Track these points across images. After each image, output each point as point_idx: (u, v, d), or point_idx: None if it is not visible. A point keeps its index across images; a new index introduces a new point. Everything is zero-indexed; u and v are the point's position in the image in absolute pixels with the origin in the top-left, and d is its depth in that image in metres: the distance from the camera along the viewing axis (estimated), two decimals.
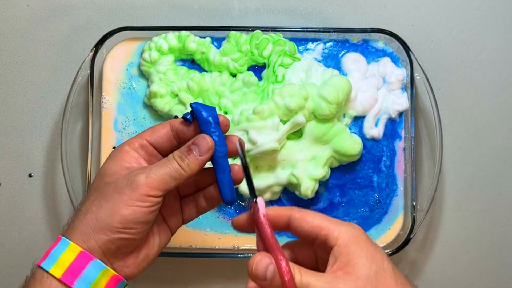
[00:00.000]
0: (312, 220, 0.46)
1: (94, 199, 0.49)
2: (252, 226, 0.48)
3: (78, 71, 0.69)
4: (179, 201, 0.55)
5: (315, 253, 0.49)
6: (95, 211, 0.48)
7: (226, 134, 0.52)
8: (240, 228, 0.50)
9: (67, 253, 0.48)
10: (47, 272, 0.47)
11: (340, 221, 0.47)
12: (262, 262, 0.43)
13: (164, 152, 0.52)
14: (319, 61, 0.71)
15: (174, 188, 0.50)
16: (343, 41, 0.72)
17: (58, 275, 0.47)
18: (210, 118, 0.50)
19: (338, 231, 0.45)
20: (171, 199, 0.54)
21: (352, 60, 0.71)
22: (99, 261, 0.48)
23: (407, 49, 0.69)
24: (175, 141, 0.52)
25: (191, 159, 0.49)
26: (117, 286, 0.49)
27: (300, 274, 0.43)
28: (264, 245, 0.46)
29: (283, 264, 0.43)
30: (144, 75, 0.71)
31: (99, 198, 0.49)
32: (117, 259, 0.49)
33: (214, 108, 0.51)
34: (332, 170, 0.70)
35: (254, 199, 0.47)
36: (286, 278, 0.42)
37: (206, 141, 0.49)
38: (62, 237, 0.49)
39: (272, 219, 0.47)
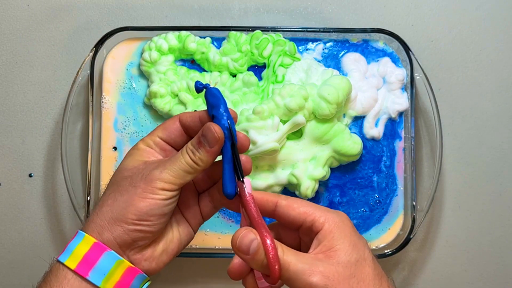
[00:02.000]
0: (298, 207, 0.47)
1: (110, 193, 0.49)
2: (238, 207, 0.49)
3: (78, 71, 0.69)
4: (197, 197, 0.54)
5: (299, 237, 0.49)
6: (111, 204, 0.48)
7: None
8: (229, 207, 0.52)
9: (81, 245, 0.48)
10: (63, 264, 0.47)
11: (326, 208, 0.48)
12: (247, 237, 0.45)
13: (178, 146, 0.52)
14: (319, 61, 0.71)
15: (190, 182, 0.50)
16: (343, 41, 0.72)
17: (73, 266, 0.47)
18: (221, 106, 0.49)
19: (324, 217, 0.46)
20: (188, 194, 0.53)
21: (352, 60, 0.71)
22: (113, 252, 0.48)
23: (407, 49, 0.69)
24: (184, 133, 0.52)
25: (202, 152, 0.48)
26: (135, 279, 0.49)
27: (283, 251, 0.44)
28: (249, 224, 0.47)
29: (268, 240, 0.44)
30: (144, 75, 0.71)
31: (115, 191, 0.49)
32: (133, 251, 0.49)
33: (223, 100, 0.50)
34: (332, 170, 0.70)
35: (241, 179, 0.48)
36: (271, 254, 0.44)
37: (211, 132, 0.48)
38: (79, 231, 0.49)
39: (259, 203, 0.48)
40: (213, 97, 0.49)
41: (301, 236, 0.49)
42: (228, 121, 0.48)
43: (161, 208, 0.48)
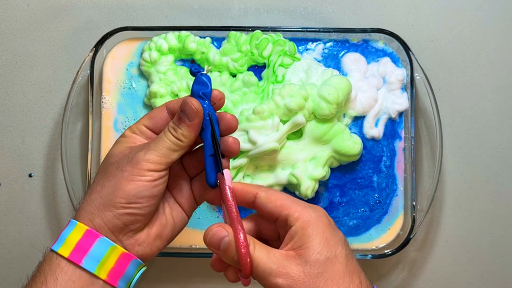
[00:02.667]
0: (276, 200, 0.48)
1: (98, 180, 0.49)
2: (220, 200, 0.49)
3: (78, 71, 0.69)
4: (189, 182, 0.54)
5: (276, 228, 0.50)
6: (99, 190, 0.48)
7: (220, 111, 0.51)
8: (210, 201, 0.52)
9: (74, 233, 0.48)
10: (56, 252, 0.48)
11: (305, 203, 0.48)
12: (218, 234, 0.46)
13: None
14: (319, 61, 0.71)
15: (180, 167, 0.51)
16: (343, 41, 0.72)
17: (66, 254, 0.47)
18: (200, 93, 0.49)
19: (299, 212, 0.46)
20: (180, 179, 0.53)
21: (352, 60, 0.71)
22: (106, 238, 0.48)
23: (407, 49, 0.69)
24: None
25: (183, 127, 0.49)
26: (130, 264, 0.49)
27: (254, 248, 0.45)
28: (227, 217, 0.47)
29: (241, 237, 0.45)
30: (144, 75, 0.71)
31: (103, 178, 0.49)
32: (126, 236, 0.49)
33: (209, 83, 0.50)
34: (332, 170, 0.70)
35: (221, 171, 0.48)
36: (242, 251, 0.45)
37: (189, 105, 0.48)
38: (71, 220, 0.49)
39: (239, 194, 0.49)
40: (202, 84, 0.49)
41: (278, 229, 0.49)
42: (209, 112, 0.49)
43: (150, 190, 0.48)
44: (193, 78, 0.50)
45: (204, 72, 0.50)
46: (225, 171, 0.48)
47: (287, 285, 0.44)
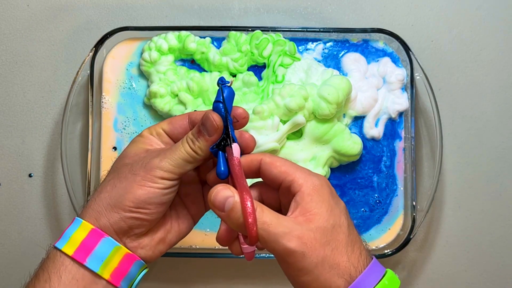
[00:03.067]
0: (280, 166, 0.48)
1: (110, 179, 0.49)
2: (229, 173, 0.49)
3: (78, 71, 0.69)
4: (201, 188, 0.54)
5: (278, 197, 0.50)
6: (109, 190, 0.48)
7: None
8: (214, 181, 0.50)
9: (79, 231, 0.48)
10: (60, 250, 0.47)
11: (308, 170, 0.48)
12: (222, 193, 0.45)
13: (178, 140, 0.52)
14: (319, 61, 0.71)
15: (194, 173, 0.51)
16: (343, 41, 0.71)
17: (70, 253, 0.47)
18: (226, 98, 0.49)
19: (304, 179, 0.46)
20: (192, 185, 0.53)
21: (352, 60, 0.71)
22: (111, 238, 0.48)
23: (407, 49, 0.69)
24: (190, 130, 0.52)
25: (202, 141, 0.48)
26: (133, 265, 0.49)
27: (262, 212, 0.45)
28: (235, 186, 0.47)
29: (248, 204, 0.44)
30: (144, 75, 0.71)
31: (115, 178, 0.49)
32: (130, 239, 0.49)
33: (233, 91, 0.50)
34: (332, 170, 0.70)
35: (230, 144, 0.48)
36: (249, 219, 0.44)
37: (211, 121, 0.48)
38: (76, 218, 0.49)
39: (245, 162, 0.49)
40: (221, 95, 0.49)
41: (280, 197, 0.49)
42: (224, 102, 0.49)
43: (160, 197, 0.48)
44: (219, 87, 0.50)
45: (228, 85, 0.50)
46: (234, 145, 0.48)
47: (301, 250, 0.44)
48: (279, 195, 0.49)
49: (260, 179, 0.51)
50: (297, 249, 0.44)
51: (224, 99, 0.49)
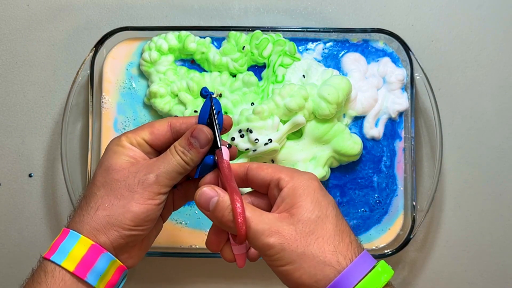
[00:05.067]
0: (267, 168, 0.49)
1: (103, 195, 0.50)
2: (217, 178, 0.51)
3: (78, 71, 0.69)
4: (172, 191, 0.55)
5: (270, 204, 0.50)
6: (107, 208, 0.49)
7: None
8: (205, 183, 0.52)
9: (78, 246, 0.48)
10: (59, 265, 0.48)
11: (295, 169, 0.50)
12: (207, 194, 0.47)
13: (159, 148, 0.53)
14: (319, 61, 0.71)
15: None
16: (343, 41, 0.71)
17: (71, 269, 0.47)
18: (217, 113, 0.51)
19: (290, 176, 0.48)
20: None
21: (352, 60, 0.71)
22: (109, 253, 0.49)
23: (407, 49, 0.69)
24: (172, 139, 0.53)
25: (194, 153, 0.50)
26: (121, 275, 0.51)
27: (246, 210, 0.46)
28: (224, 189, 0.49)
29: (238, 205, 0.46)
30: (144, 75, 0.71)
31: (110, 195, 0.49)
32: (123, 252, 0.50)
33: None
34: (332, 170, 0.70)
35: (220, 147, 0.50)
36: (239, 220, 0.46)
37: (205, 134, 0.50)
38: (71, 230, 0.49)
39: (233, 168, 0.50)
40: (210, 106, 0.52)
41: (270, 200, 0.50)
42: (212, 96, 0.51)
43: (156, 213, 0.50)
44: (203, 97, 0.52)
45: (214, 96, 0.52)
46: (223, 148, 0.50)
47: (279, 243, 0.45)
48: (268, 196, 0.50)
49: (248, 189, 0.52)
50: (276, 243, 0.45)
51: (213, 111, 0.51)
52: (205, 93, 0.52)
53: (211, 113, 0.51)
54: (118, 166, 0.50)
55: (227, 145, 0.52)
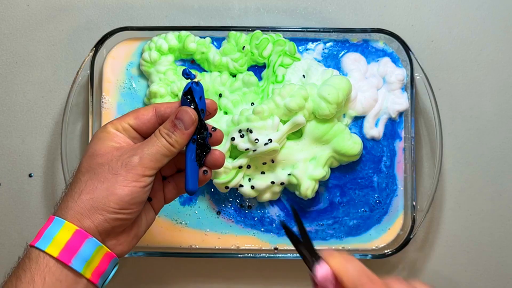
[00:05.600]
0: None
1: (87, 180, 0.50)
2: None
3: (78, 71, 0.69)
4: (162, 182, 0.56)
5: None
6: (91, 192, 0.49)
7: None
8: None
9: (62, 232, 0.48)
10: (43, 251, 0.48)
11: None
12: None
13: (145, 134, 0.53)
14: (319, 61, 0.71)
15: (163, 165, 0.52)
16: (343, 41, 0.71)
17: (55, 254, 0.47)
18: (201, 101, 0.52)
19: None
20: (154, 180, 0.54)
21: (352, 60, 0.71)
22: (94, 239, 0.49)
23: (407, 49, 0.69)
24: (158, 124, 0.53)
25: (178, 134, 0.50)
26: (110, 263, 0.50)
27: None
28: None
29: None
30: (144, 75, 0.71)
31: (94, 179, 0.49)
32: (110, 237, 0.50)
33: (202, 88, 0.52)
34: (332, 170, 0.70)
35: (318, 261, 0.42)
36: None
37: (189, 115, 0.50)
38: (56, 217, 0.49)
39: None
40: (191, 89, 0.51)
41: None
42: (197, 107, 0.51)
43: (141, 196, 0.50)
44: (187, 79, 0.52)
45: (195, 80, 0.51)
46: (320, 267, 0.41)
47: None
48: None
49: None
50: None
51: (194, 95, 0.51)
52: (186, 76, 0.51)
53: (192, 99, 0.51)
54: (103, 151, 0.50)
55: (212, 129, 0.53)
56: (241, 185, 0.67)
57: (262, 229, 0.70)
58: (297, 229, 0.46)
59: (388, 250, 0.69)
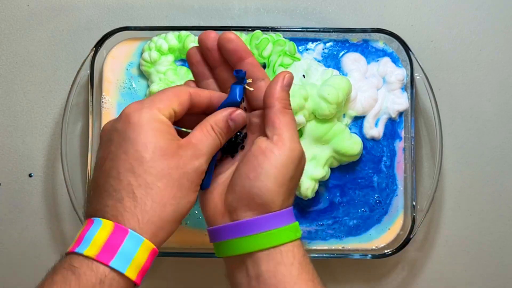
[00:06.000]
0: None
1: (165, 187, 0.45)
2: None
3: (78, 71, 0.69)
4: None
5: None
6: (174, 204, 0.45)
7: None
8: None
9: (140, 252, 0.44)
10: (113, 270, 0.43)
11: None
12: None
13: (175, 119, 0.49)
14: (319, 61, 0.71)
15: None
16: (343, 41, 0.71)
17: (134, 277, 0.43)
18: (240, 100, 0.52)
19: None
20: None
21: (352, 60, 0.71)
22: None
23: (407, 49, 0.69)
24: (188, 109, 0.50)
25: (228, 135, 0.50)
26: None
27: None
28: None
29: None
30: (144, 75, 0.71)
31: (174, 187, 0.45)
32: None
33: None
34: (332, 170, 0.70)
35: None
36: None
37: (244, 120, 0.51)
38: (130, 231, 0.43)
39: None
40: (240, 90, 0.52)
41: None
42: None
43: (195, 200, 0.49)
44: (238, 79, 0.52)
45: (247, 83, 0.52)
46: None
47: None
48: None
49: None
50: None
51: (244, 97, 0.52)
52: (240, 76, 0.51)
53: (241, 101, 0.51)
54: (170, 150, 0.45)
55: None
56: None
57: None
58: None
59: (388, 250, 0.69)
